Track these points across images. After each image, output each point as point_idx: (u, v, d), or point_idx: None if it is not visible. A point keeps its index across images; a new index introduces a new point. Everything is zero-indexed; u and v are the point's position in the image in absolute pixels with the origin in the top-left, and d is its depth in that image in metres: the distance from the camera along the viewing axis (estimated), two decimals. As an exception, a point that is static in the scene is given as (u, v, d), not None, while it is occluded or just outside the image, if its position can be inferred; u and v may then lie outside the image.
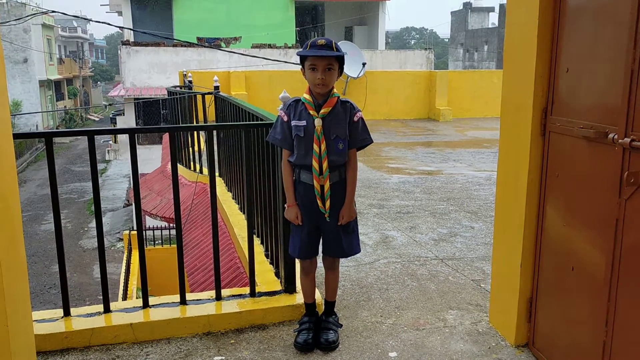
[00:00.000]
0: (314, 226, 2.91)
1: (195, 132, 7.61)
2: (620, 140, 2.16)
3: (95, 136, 3.08)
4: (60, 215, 3.03)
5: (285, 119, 2.84)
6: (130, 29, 20.52)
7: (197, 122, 7.86)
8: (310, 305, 3.08)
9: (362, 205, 5.78)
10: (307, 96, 2.80)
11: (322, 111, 2.76)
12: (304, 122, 2.78)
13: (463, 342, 3.02)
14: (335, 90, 2.83)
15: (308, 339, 2.92)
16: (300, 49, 2.77)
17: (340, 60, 2.75)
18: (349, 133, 2.81)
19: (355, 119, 2.82)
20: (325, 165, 2.76)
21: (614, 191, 2.21)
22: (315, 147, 2.75)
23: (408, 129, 12.56)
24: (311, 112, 2.77)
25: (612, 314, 2.25)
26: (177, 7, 24.93)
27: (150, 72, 20.84)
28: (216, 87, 7.12)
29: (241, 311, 3.19)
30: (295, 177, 2.87)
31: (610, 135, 2.21)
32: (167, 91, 10.54)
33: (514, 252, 2.89)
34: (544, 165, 2.71)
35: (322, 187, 2.79)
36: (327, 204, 2.81)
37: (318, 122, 2.75)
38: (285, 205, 2.94)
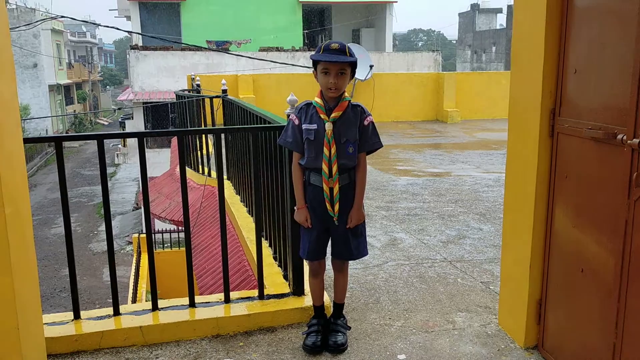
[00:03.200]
0: (323, 228, 2.92)
1: (203, 136, 7.63)
2: (629, 141, 2.15)
3: (104, 140, 3.10)
4: (70, 219, 3.05)
5: (297, 122, 2.85)
6: (138, 34, 20.64)
7: (205, 126, 7.88)
8: (318, 308, 3.08)
9: (370, 207, 5.78)
10: (318, 100, 2.82)
11: (333, 115, 2.77)
12: (314, 126, 2.79)
13: (472, 344, 3.01)
14: (346, 94, 2.84)
15: (316, 341, 2.93)
16: (308, 52, 2.79)
17: (353, 64, 2.76)
18: (359, 137, 2.82)
19: (366, 122, 2.83)
20: (335, 168, 2.78)
21: (623, 192, 2.20)
22: (326, 150, 2.77)
23: (416, 131, 12.54)
24: (322, 115, 2.78)
25: (622, 316, 2.24)
26: (185, 11, 25.04)
27: (159, 76, 20.94)
28: (224, 91, 7.15)
29: (250, 314, 3.20)
30: (305, 179, 2.88)
31: (619, 136, 2.20)
32: (176, 95, 10.59)
33: (522, 254, 2.88)
34: (552, 167, 2.70)
35: (331, 189, 2.80)
36: (336, 207, 2.82)
37: (329, 126, 2.76)
38: (295, 207, 2.94)
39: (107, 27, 11.68)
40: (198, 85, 10.55)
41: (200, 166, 7.71)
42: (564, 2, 2.57)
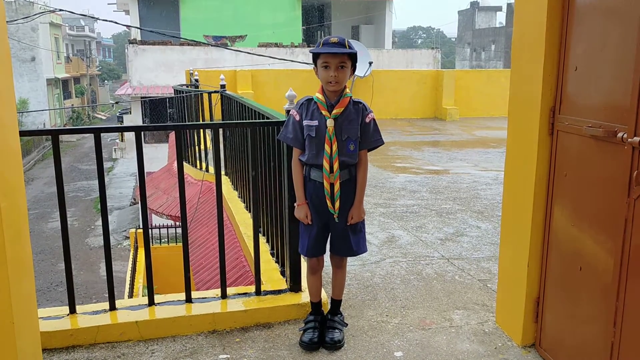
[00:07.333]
0: (323, 224, 2.90)
1: (201, 131, 7.61)
2: (629, 140, 2.13)
3: (101, 134, 3.09)
4: (66, 213, 3.03)
5: (297, 118, 2.83)
6: (137, 28, 20.57)
7: (203, 121, 7.86)
8: (316, 304, 3.07)
9: (368, 204, 5.76)
10: (319, 95, 2.79)
11: (334, 112, 2.75)
12: (315, 122, 2.77)
13: (469, 342, 3.01)
14: (348, 90, 2.82)
15: (313, 337, 2.92)
16: (307, 48, 2.77)
17: (353, 58, 2.74)
18: (360, 134, 2.80)
19: (367, 120, 2.81)
20: (336, 166, 2.76)
21: (622, 190, 2.19)
22: (327, 147, 2.75)
23: (415, 128, 12.53)
24: (323, 112, 2.76)
25: (621, 315, 2.23)
26: (184, 6, 24.95)
27: (157, 70, 20.87)
28: (222, 86, 7.12)
29: (246, 310, 3.19)
30: (305, 174, 2.87)
31: (619, 134, 2.19)
32: (174, 90, 10.56)
33: (520, 252, 2.87)
34: (551, 165, 2.69)
35: (332, 185, 2.79)
36: (337, 204, 2.80)
37: (330, 123, 2.74)
38: (295, 204, 2.93)
39: (106, 21, 11.62)
40: (196, 81, 10.53)
41: (198, 161, 7.68)
42: (565, 0, 2.56)
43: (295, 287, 3.36)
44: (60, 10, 13.28)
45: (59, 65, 44.53)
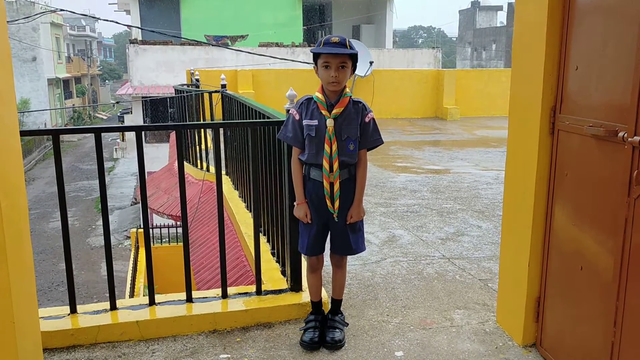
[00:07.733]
0: (322, 223, 2.91)
1: (202, 130, 7.62)
2: (630, 139, 2.13)
3: (102, 134, 3.08)
4: (67, 212, 3.03)
5: (297, 117, 2.83)
6: (138, 28, 20.57)
7: (204, 120, 7.86)
8: (316, 304, 3.07)
9: (368, 204, 5.76)
10: (319, 95, 2.79)
11: (334, 111, 2.75)
12: (315, 122, 2.77)
13: (470, 341, 3.01)
14: (347, 89, 2.82)
15: (314, 337, 2.92)
16: (307, 48, 2.77)
17: (354, 58, 2.74)
18: (360, 134, 2.80)
19: (367, 119, 2.81)
20: (335, 165, 2.77)
21: (623, 190, 2.19)
22: (327, 147, 2.75)
23: (415, 128, 12.52)
24: (323, 112, 2.76)
25: (621, 314, 2.23)
26: (185, 6, 24.95)
27: (158, 70, 20.87)
28: (223, 86, 7.12)
29: (247, 309, 3.19)
30: (304, 173, 2.87)
31: (620, 134, 2.19)
32: (175, 89, 10.55)
33: (521, 252, 2.87)
34: (552, 164, 2.69)
35: (331, 185, 2.79)
36: (336, 204, 2.81)
37: (330, 123, 2.74)
38: (295, 203, 2.93)
39: (107, 21, 11.61)
40: (197, 80, 10.52)
41: (199, 161, 7.68)
42: (565, 0, 2.56)
43: (295, 286, 3.36)
44: (61, 10, 13.29)
45: (60, 65, 44.57)
